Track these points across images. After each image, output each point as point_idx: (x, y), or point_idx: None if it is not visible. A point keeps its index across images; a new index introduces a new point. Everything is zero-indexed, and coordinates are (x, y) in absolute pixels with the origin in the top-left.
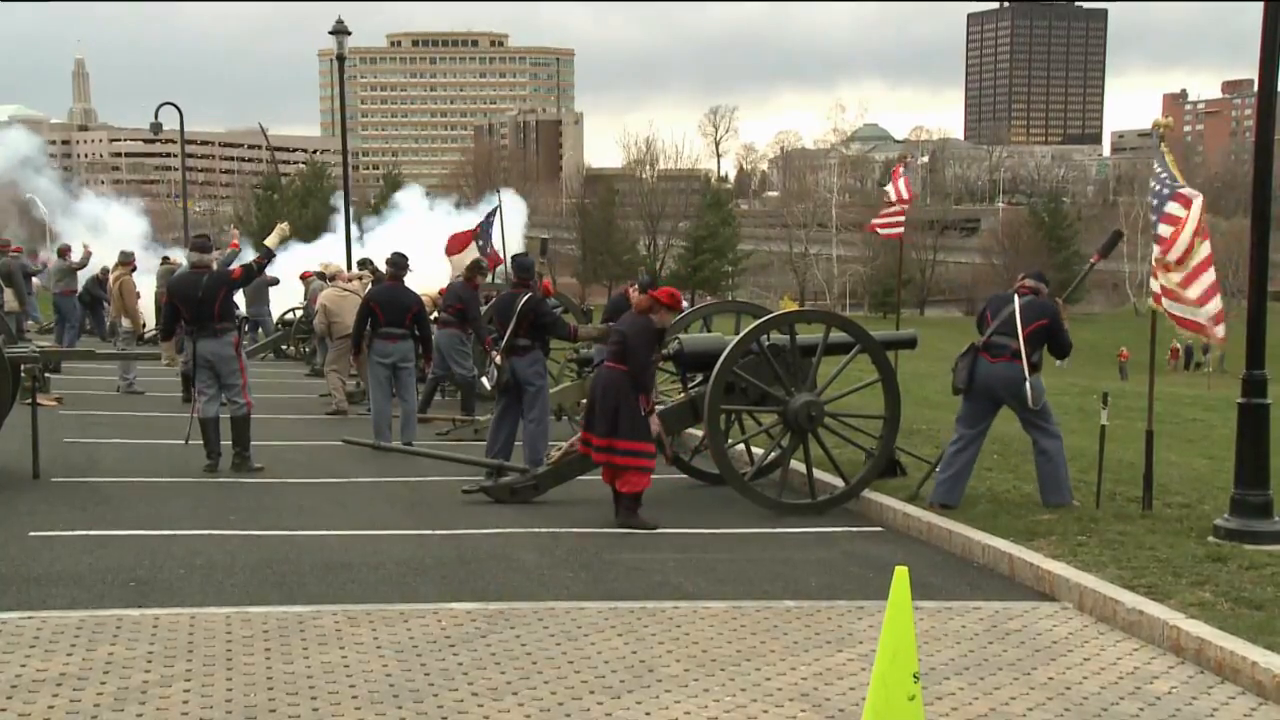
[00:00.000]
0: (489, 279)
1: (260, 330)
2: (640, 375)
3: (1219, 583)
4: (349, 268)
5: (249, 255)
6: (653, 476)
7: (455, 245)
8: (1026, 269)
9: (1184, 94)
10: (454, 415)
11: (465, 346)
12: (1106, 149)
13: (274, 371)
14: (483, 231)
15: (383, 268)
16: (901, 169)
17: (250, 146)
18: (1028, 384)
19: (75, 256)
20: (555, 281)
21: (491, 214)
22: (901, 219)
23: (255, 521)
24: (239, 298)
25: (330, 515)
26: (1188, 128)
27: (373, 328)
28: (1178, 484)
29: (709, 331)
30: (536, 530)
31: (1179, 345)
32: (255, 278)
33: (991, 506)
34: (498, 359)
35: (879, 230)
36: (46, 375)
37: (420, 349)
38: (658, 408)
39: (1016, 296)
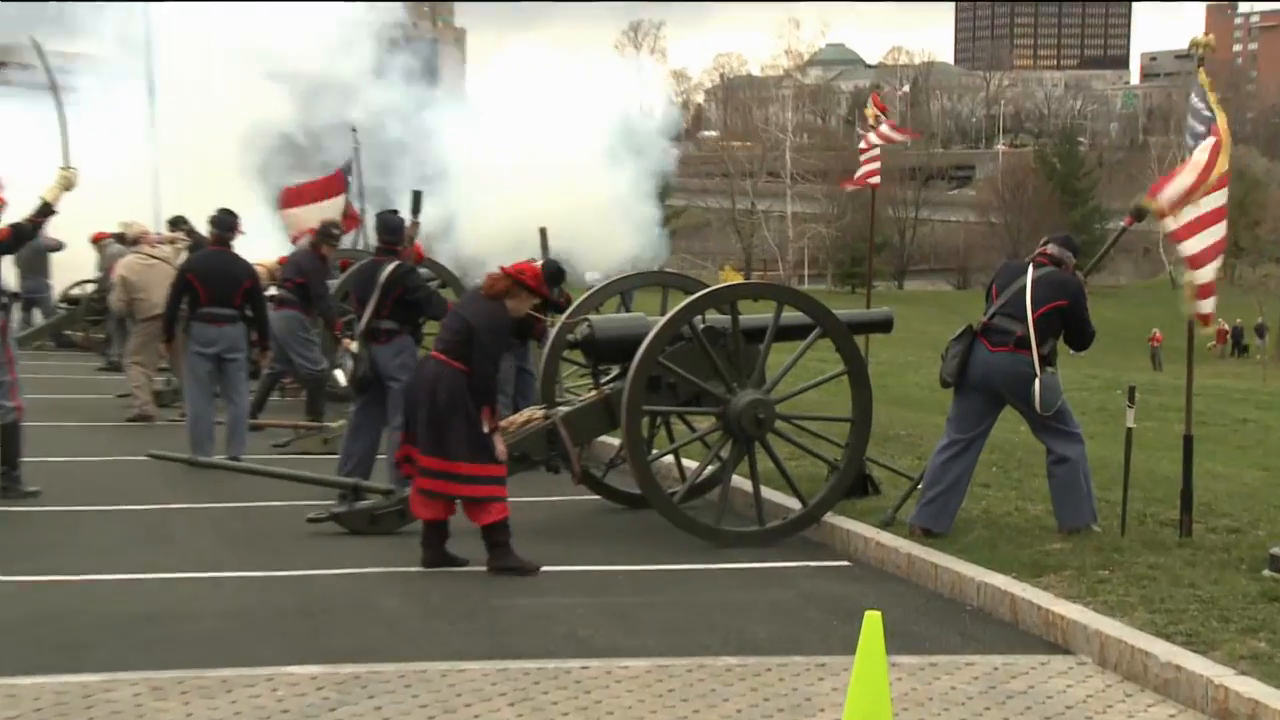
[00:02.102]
0: (345, 244)
1: (37, 311)
2: (485, 381)
3: (1277, 629)
4: (159, 228)
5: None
6: (559, 499)
7: (295, 197)
8: (1052, 232)
9: (1233, 6)
10: (296, 421)
11: (310, 333)
12: (1134, 75)
13: (57, 364)
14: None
15: (204, 228)
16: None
17: (21, 66)
18: (1036, 383)
19: None
20: (430, 247)
21: (351, 159)
22: (877, 161)
23: (30, 563)
24: (6, 267)
25: (132, 554)
26: (1237, 47)
27: (191, 307)
28: (1225, 503)
29: (627, 311)
30: (404, 570)
31: (1225, 325)
32: (28, 240)
33: (989, 533)
34: (353, 347)
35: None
36: None
37: (253, 335)
38: (560, 409)
39: (1031, 268)
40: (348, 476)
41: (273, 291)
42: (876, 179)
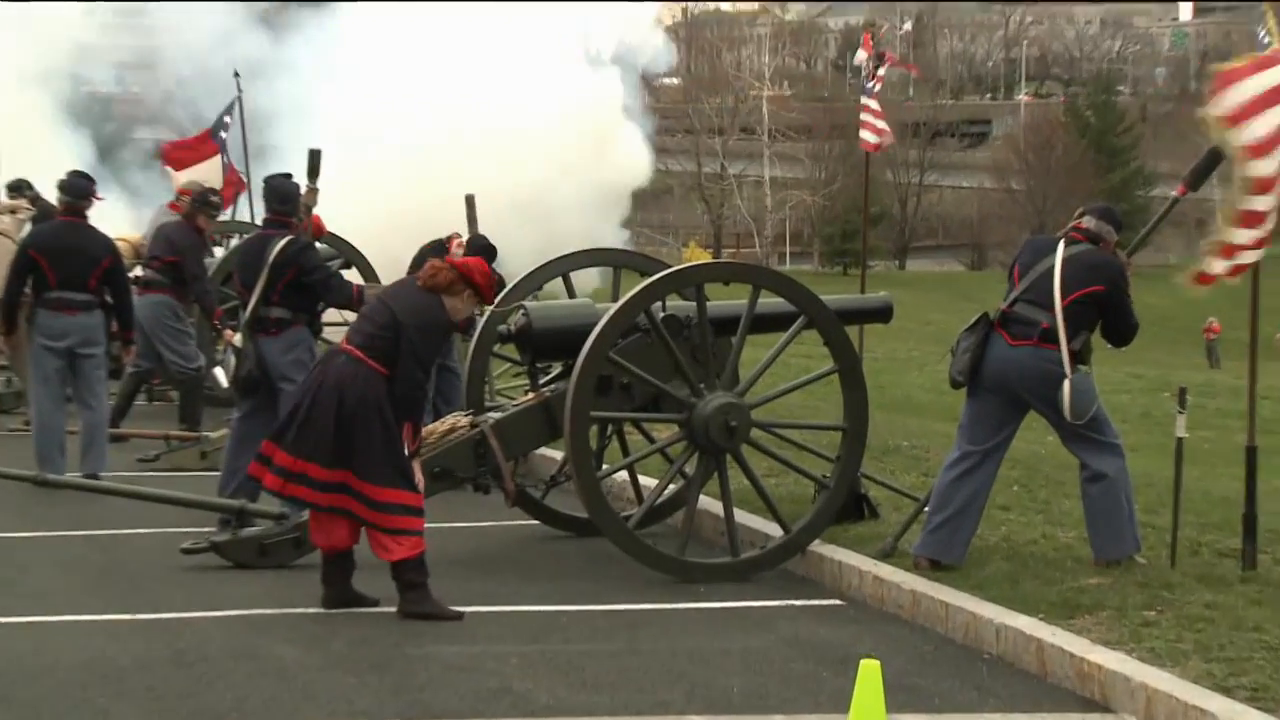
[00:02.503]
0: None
1: None
2: (411, 391)
3: None
4: None
5: None
6: (488, 524)
7: (184, 155)
8: (1086, 200)
9: None
10: (167, 431)
11: (184, 323)
12: (1185, 10)
13: None
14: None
15: (53, 196)
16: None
17: None
18: (1066, 384)
19: None
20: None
21: (228, 110)
22: (882, 119)
23: None
24: None
25: None
26: None
27: (35, 291)
28: None
29: (571, 296)
30: (301, 611)
31: None
32: None
33: (1010, 565)
34: (236, 340)
35: (868, 142)
36: None
37: (114, 326)
38: (490, 416)
39: (1061, 245)
40: (231, 498)
41: (137, 272)
42: (889, 138)
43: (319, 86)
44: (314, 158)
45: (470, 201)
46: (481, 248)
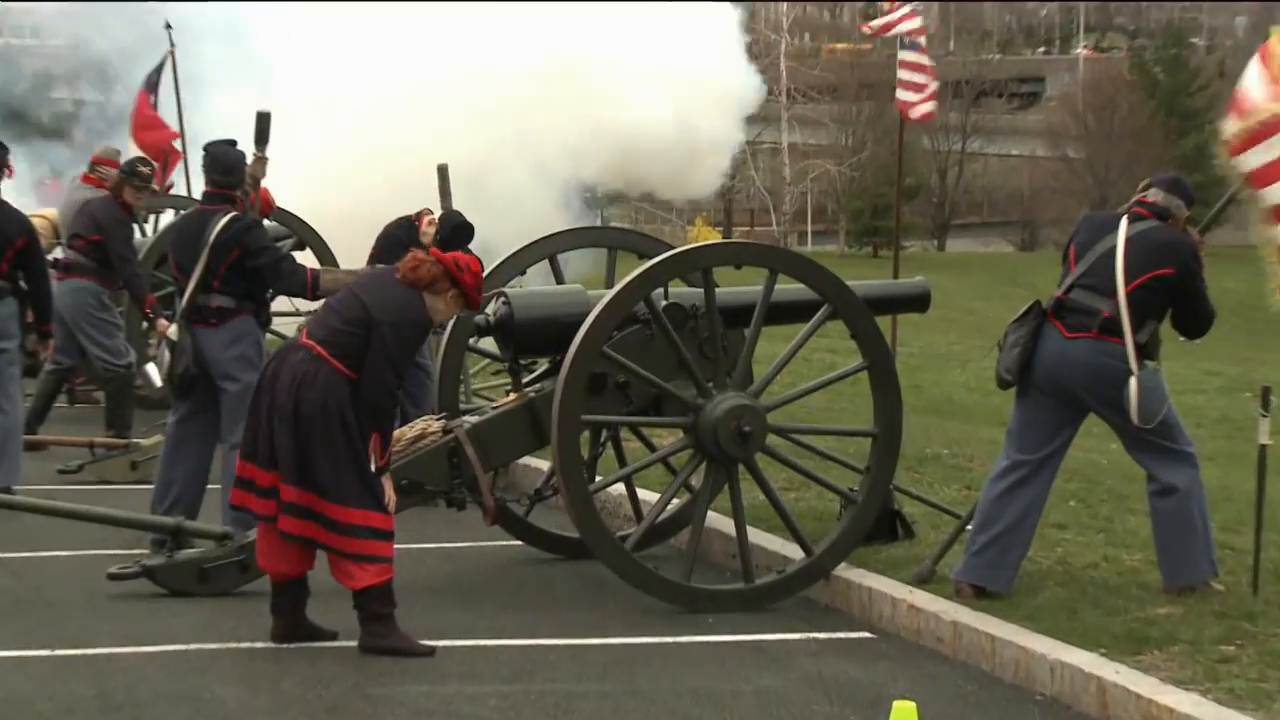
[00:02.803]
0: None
1: None
2: (382, 397)
3: None
4: None
5: None
6: (464, 545)
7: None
8: (1154, 171)
9: None
10: (92, 438)
11: (111, 312)
12: None
13: None
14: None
15: None
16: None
17: None
18: (1132, 383)
19: None
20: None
21: (158, 69)
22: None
23: None
24: None
25: None
26: None
27: None
28: None
29: (560, 282)
30: (247, 646)
31: None
32: None
33: (1067, 592)
34: (171, 333)
35: (909, 111)
36: None
37: (30, 315)
38: (466, 420)
39: (1125, 222)
40: (166, 515)
41: (57, 254)
42: (931, 106)
43: (273, 40)
44: (262, 121)
45: (443, 172)
46: (457, 226)
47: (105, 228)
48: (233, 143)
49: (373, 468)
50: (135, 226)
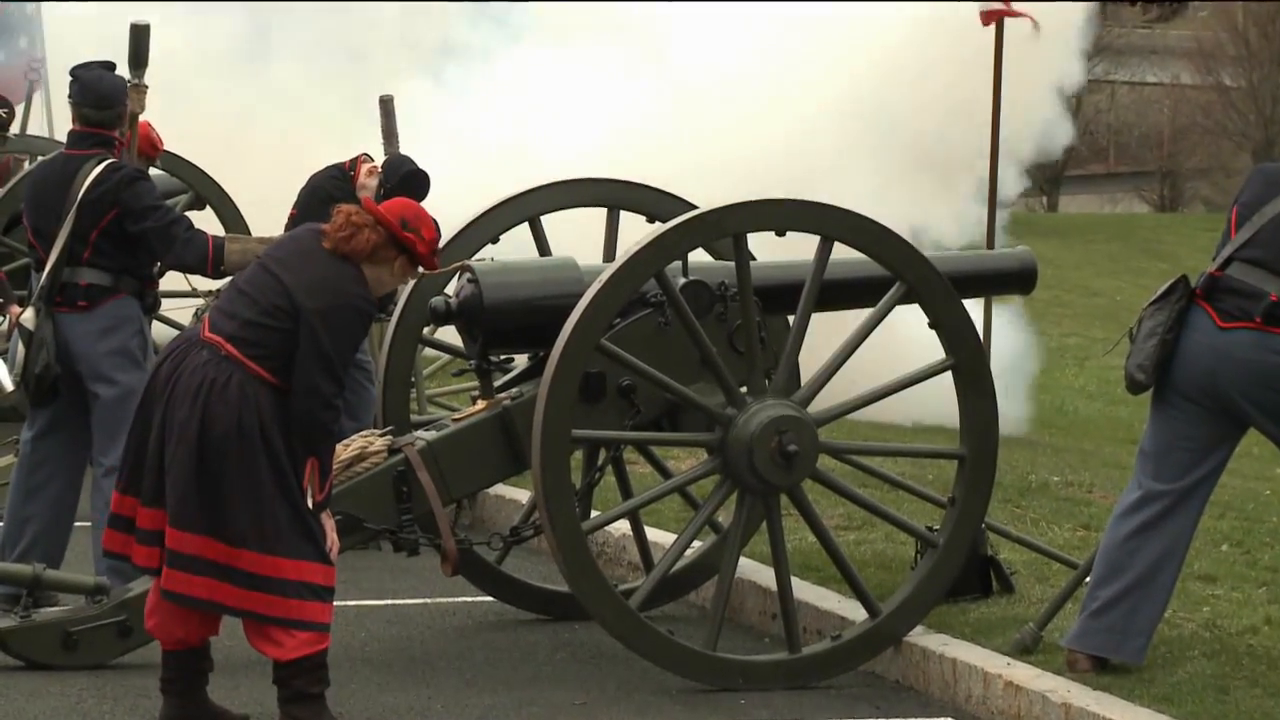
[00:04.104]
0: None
1: None
2: (318, 407)
3: None
4: None
5: None
6: (417, 602)
7: None
8: None
9: None
10: None
11: None
12: None
13: None
14: None
15: None
16: None
17: None
18: None
19: None
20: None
21: None
22: None
23: None
24: None
25: None
26: None
27: None
28: None
29: (545, 252)
30: None
31: None
32: None
33: (1216, 666)
34: (26, 318)
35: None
36: None
37: None
38: (419, 436)
39: None
40: (19, 561)
41: None
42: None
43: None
44: (139, 36)
45: (387, 106)
46: (408, 175)
47: None
48: (110, 66)
49: (309, 503)
50: None
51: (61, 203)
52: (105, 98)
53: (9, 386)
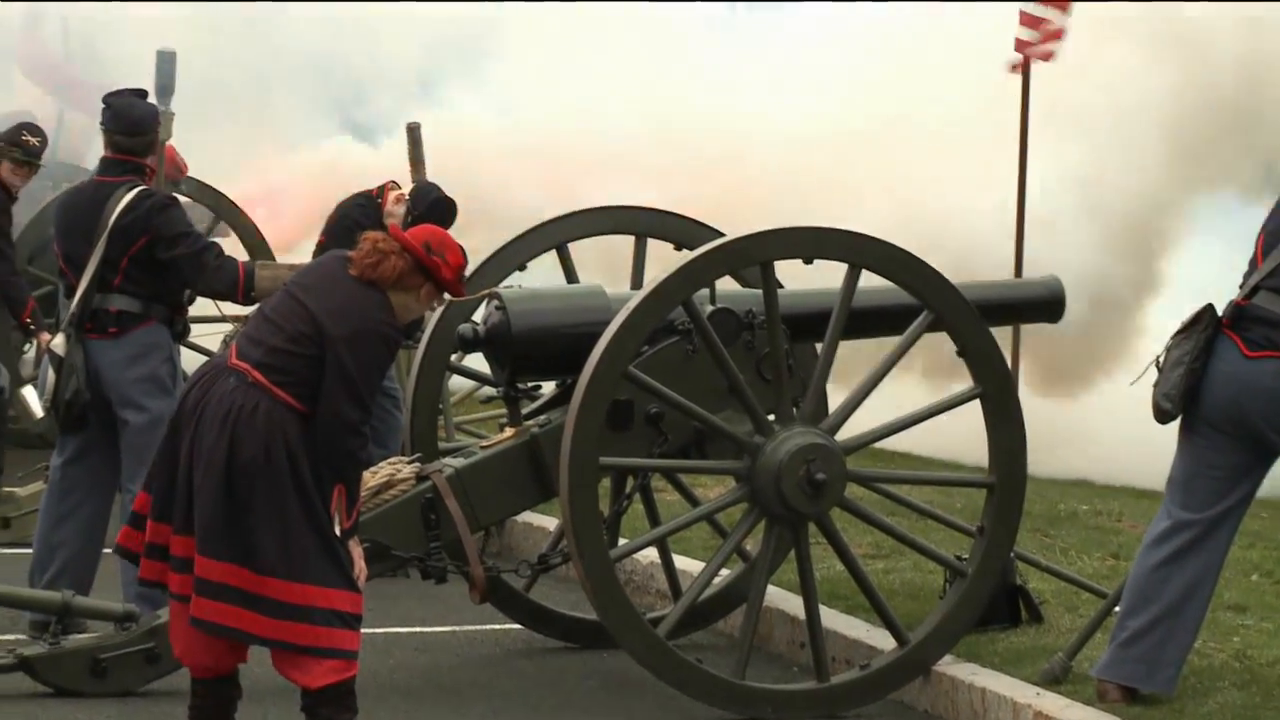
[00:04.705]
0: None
1: None
2: (344, 436)
3: None
4: None
5: None
6: (446, 629)
7: None
8: None
9: None
10: None
11: None
12: None
13: None
14: None
15: None
16: None
17: None
18: None
19: None
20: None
21: None
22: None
23: None
24: None
25: None
26: None
27: None
28: None
29: (573, 279)
30: None
31: None
32: None
33: (1247, 696)
34: (57, 345)
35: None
36: None
37: None
38: (447, 464)
39: None
40: (49, 588)
41: None
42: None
43: None
44: (165, 64)
45: (414, 133)
46: (435, 201)
47: None
48: (142, 94)
49: (336, 531)
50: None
51: (93, 229)
52: (137, 124)
53: (39, 413)
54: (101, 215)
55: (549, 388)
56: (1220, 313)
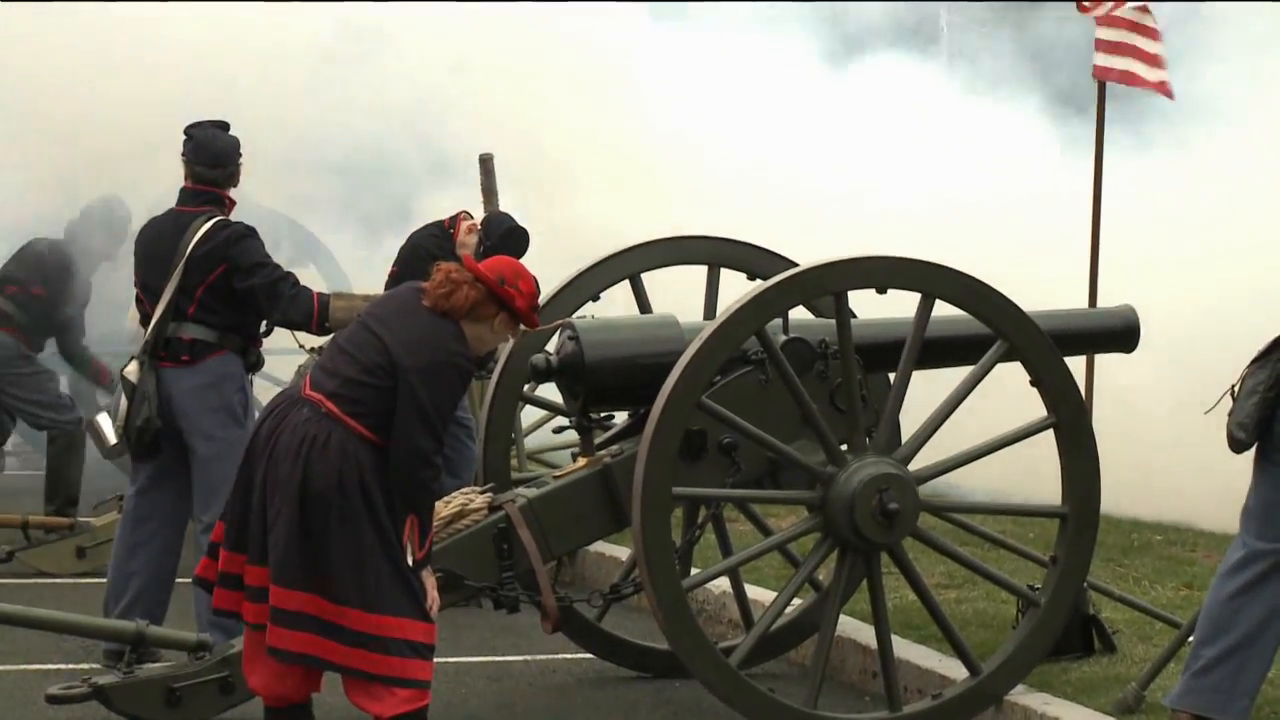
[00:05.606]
0: None
1: None
2: (419, 465)
3: None
4: None
5: None
6: (518, 659)
7: None
8: None
9: None
10: (26, 515)
11: (35, 362)
12: None
13: None
14: None
15: None
16: None
17: None
18: None
19: None
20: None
21: None
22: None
23: None
24: None
25: None
26: None
27: None
28: None
29: (645, 309)
30: None
31: None
32: None
33: None
34: (130, 373)
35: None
36: None
37: None
38: (520, 494)
39: None
40: (123, 617)
41: None
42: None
43: None
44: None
45: (486, 164)
46: (508, 232)
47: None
48: (224, 126)
49: (410, 561)
50: None
51: (170, 258)
52: (218, 157)
53: (112, 439)
54: (179, 244)
55: (621, 418)
56: None
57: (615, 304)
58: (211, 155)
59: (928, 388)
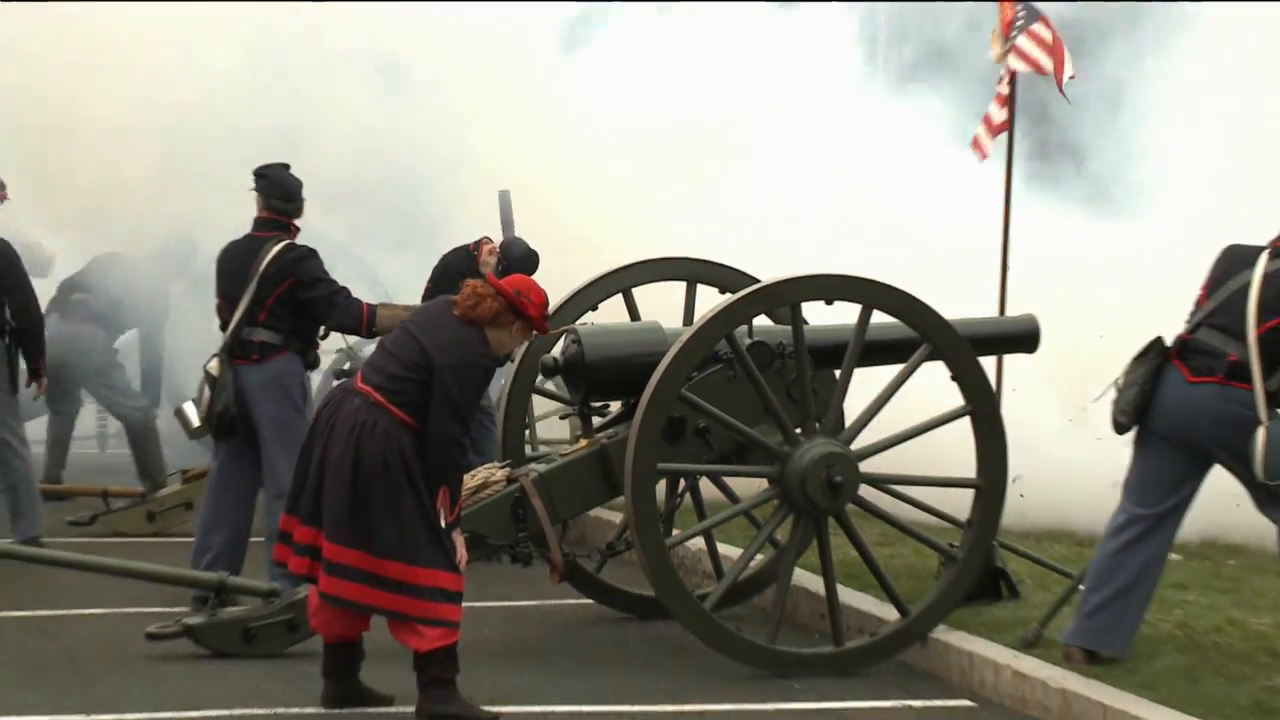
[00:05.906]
0: None
1: None
2: (447, 447)
3: None
4: None
5: None
6: (529, 603)
7: None
8: None
9: None
10: (107, 487)
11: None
12: None
13: None
14: None
15: None
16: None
17: None
18: (1260, 433)
19: None
20: None
21: None
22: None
23: None
24: None
25: None
26: None
27: None
28: None
29: (635, 318)
30: (295, 711)
31: None
32: None
33: (1187, 659)
34: (213, 368)
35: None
36: None
37: (22, 354)
38: (532, 468)
39: (1265, 257)
40: (208, 569)
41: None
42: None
43: None
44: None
45: (504, 198)
46: (522, 255)
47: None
48: (286, 167)
49: (442, 523)
50: None
51: (245, 274)
52: (291, 193)
53: (196, 422)
54: (254, 264)
55: (616, 406)
56: (1168, 345)
57: (612, 313)
58: (285, 191)
59: (863, 386)
